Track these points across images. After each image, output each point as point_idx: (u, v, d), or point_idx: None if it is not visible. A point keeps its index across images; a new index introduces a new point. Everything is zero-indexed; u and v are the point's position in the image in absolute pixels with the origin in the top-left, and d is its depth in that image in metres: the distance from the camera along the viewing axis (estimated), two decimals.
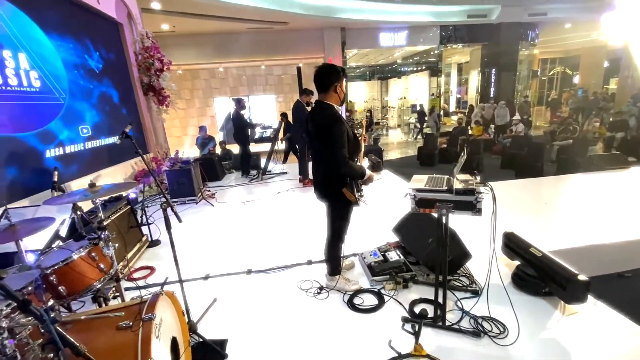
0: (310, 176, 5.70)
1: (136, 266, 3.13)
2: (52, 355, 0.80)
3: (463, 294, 2.35)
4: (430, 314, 2.13)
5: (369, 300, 2.40)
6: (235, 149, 8.55)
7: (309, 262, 2.99)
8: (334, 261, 2.46)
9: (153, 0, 7.38)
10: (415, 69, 15.76)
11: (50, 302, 1.59)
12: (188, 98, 11.96)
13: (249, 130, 6.65)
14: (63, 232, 2.32)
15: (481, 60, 13.35)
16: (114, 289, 2.15)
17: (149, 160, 6.14)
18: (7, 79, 3.35)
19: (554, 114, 13.67)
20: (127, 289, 2.57)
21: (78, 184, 4.00)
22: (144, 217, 3.58)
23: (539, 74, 17.30)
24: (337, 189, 2.16)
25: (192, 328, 2.00)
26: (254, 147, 7.28)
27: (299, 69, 7.57)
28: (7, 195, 3.14)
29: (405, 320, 2.10)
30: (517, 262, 2.57)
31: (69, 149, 4.17)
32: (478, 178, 1.89)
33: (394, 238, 3.10)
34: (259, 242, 3.55)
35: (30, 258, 1.75)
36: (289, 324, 2.21)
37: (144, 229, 3.59)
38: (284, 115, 7.09)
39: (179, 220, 2.00)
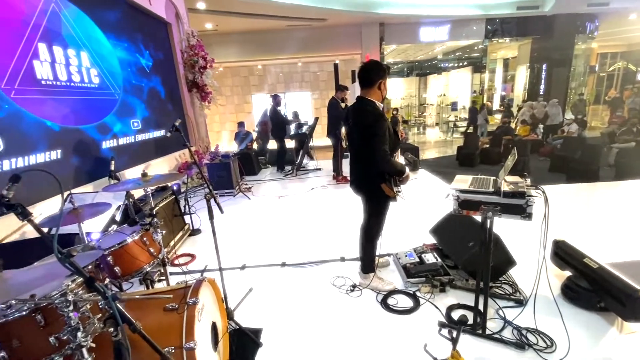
0: (344, 173, 5.70)
1: (179, 252, 3.32)
2: (112, 329, 0.87)
3: (505, 302, 2.23)
4: (470, 321, 2.04)
5: (404, 301, 2.35)
6: (270, 144, 8.76)
7: (342, 259, 2.98)
8: (368, 259, 2.44)
9: (199, 0, 7.71)
10: (457, 64, 15.09)
11: (106, 281, 1.74)
12: (228, 95, 12.41)
13: (286, 126, 6.76)
14: (117, 218, 2.51)
15: (530, 55, 12.46)
16: (159, 272, 2.30)
17: (193, 153, 6.46)
18: (71, 76, 3.68)
19: (613, 113, 12.43)
20: (170, 274, 2.74)
21: (128, 174, 4.31)
22: (186, 207, 3.78)
23: (597, 70, 15.80)
24: (376, 184, 2.17)
25: (229, 315, 2.08)
26: (289, 144, 7.41)
27: (336, 66, 7.53)
28: (71, 180, 3.46)
29: (442, 325, 2.04)
30: (567, 273, 2.39)
31: (122, 140, 4.50)
32: (528, 180, 1.77)
33: (431, 240, 3.00)
34: (293, 237, 3.61)
35: (95, 237, 1.91)
36: (321, 319, 2.23)
37: (186, 218, 3.80)
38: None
39: (221, 211, 2.09)
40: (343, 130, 5.40)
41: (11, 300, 1.01)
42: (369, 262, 2.46)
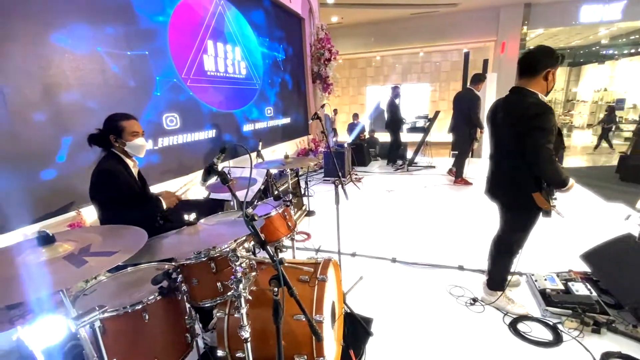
0: (465, 175, 5.18)
1: (296, 230, 3.63)
2: (275, 289, 0.99)
3: None
4: None
5: (539, 331, 2.00)
6: (381, 137, 8.65)
7: (461, 268, 2.74)
8: (499, 275, 2.16)
9: None
10: (630, 51, 11.75)
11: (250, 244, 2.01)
12: (344, 86, 12.76)
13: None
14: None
15: None
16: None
17: (310, 141, 6.95)
18: (227, 68, 4.36)
19: None
20: (287, 248, 3.02)
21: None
22: (306, 189, 4.09)
23: None
24: (527, 192, 1.84)
25: (343, 298, 2.16)
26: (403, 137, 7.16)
27: (466, 55, 6.80)
28: (229, 154, 4.17)
29: None
30: None
31: (257, 125, 5.14)
32: None
33: (580, 266, 2.46)
34: (404, 234, 3.50)
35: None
36: (435, 325, 2.10)
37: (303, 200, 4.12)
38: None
39: (347, 197, 2.15)
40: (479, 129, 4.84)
41: (201, 249, 1.26)
42: (499, 279, 2.17)
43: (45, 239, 0.92)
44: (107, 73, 2.77)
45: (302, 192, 4.02)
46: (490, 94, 6.87)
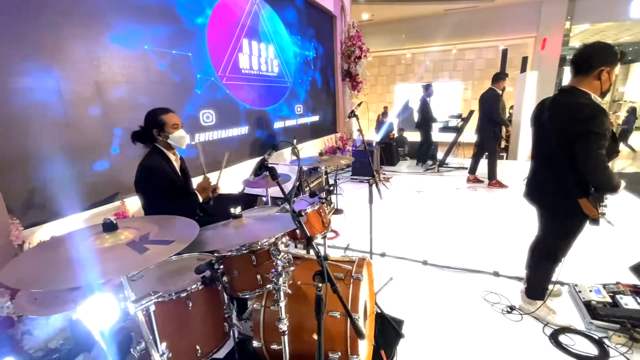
0: (498, 177, 4.98)
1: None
2: (319, 284, 1.00)
3: None
4: None
5: (582, 345, 1.89)
6: (410, 136, 8.48)
7: (496, 274, 2.64)
8: (540, 284, 2.06)
9: None
10: None
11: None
12: (372, 84, 12.61)
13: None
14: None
15: None
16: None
17: (337, 139, 6.94)
18: (260, 66, 4.44)
19: None
20: (318, 245, 3.04)
21: (286, 153, 4.96)
22: (335, 187, 4.10)
23: None
24: (572, 198, 1.74)
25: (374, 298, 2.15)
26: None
27: (504, 52, 6.49)
28: (254, 151, 4.28)
29: None
30: None
31: (287, 122, 5.20)
32: None
33: (629, 278, 2.31)
34: (435, 236, 3.41)
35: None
36: (469, 332, 2.05)
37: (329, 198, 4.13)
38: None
39: (380, 196, 2.14)
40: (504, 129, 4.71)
41: (245, 242, 1.31)
42: (539, 288, 2.06)
43: (110, 226, 0.99)
44: (152, 70, 2.91)
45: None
46: (529, 93, 6.54)
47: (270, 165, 1.05)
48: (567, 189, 1.76)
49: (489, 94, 4.80)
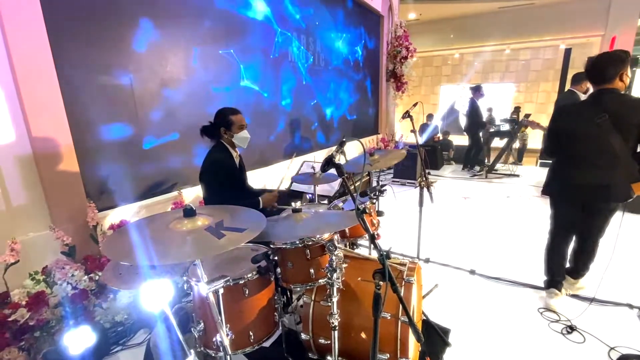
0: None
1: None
2: (379, 283, 1.00)
3: None
4: None
5: None
6: (456, 139, 8.14)
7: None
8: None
9: None
10: None
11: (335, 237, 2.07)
12: (416, 85, 12.25)
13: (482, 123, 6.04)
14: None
15: None
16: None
17: (379, 140, 6.85)
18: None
19: None
20: (362, 246, 3.02)
21: (329, 151, 5.00)
22: (384, 188, 4.05)
23: None
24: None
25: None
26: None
27: (567, 52, 5.98)
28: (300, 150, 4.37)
29: None
30: None
31: (329, 123, 5.24)
32: None
33: None
34: (483, 245, 3.25)
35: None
36: (522, 349, 1.92)
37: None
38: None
39: (432, 200, 2.08)
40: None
41: (304, 237, 1.35)
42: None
43: (190, 212, 1.08)
44: (208, 70, 3.08)
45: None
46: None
47: (337, 162, 1.07)
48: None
49: (566, 96, 4.19)
